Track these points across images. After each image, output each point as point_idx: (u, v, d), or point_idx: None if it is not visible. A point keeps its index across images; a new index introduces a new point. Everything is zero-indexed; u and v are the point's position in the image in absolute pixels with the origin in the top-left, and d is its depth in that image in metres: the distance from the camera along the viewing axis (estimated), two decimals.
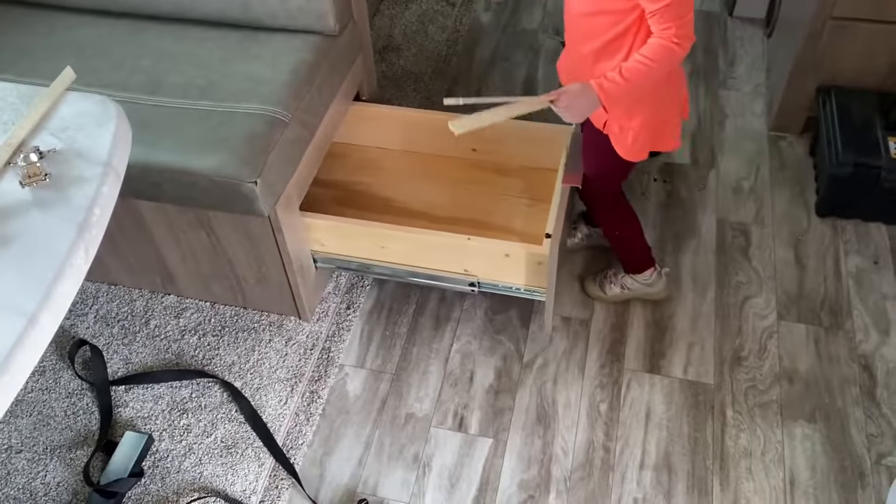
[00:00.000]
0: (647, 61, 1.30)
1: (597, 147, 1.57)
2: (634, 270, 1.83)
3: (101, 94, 1.57)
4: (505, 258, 1.65)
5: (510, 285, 1.73)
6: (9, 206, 0.99)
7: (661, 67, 1.31)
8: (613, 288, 1.86)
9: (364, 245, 1.73)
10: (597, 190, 1.71)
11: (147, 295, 1.92)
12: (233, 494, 1.58)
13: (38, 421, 1.70)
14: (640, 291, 1.85)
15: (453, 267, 1.71)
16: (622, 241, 1.81)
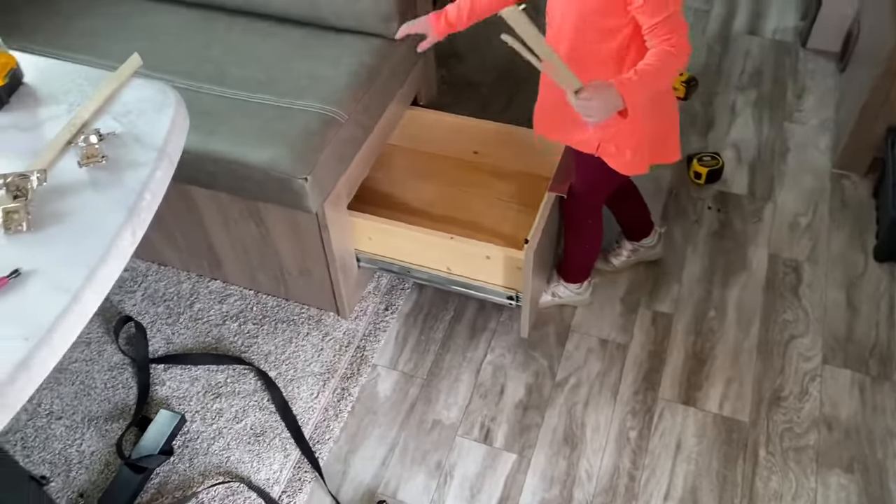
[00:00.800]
0: (656, 64, 1.28)
1: (587, 164, 1.56)
2: (572, 280, 1.85)
3: (168, 80, 1.63)
4: (486, 260, 1.68)
5: (490, 287, 1.74)
6: (66, 185, 1.03)
7: (669, 74, 1.32)
8: (545, 296, 1.89)
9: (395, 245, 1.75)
10: (582, 203, 1.70)
11: (194, 278, 1.97)
12: (256, 482, 1.61)
13: (80, 390, 1.76)
14: (569, 299, 1.88)
15: (437, 265, 1.75)
16: (582, 253, 1.82)
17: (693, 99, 2.43)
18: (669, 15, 1.26)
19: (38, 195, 1.01)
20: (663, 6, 1.26)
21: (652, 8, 1.27)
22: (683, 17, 1.31)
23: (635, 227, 1.91)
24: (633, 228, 1.91)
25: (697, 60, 2.57)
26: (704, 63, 2.56)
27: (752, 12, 2.75)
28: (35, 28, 1.81)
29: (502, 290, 1.74)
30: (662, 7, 1.26)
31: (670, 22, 1.27)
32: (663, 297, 1.94)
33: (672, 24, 1.27)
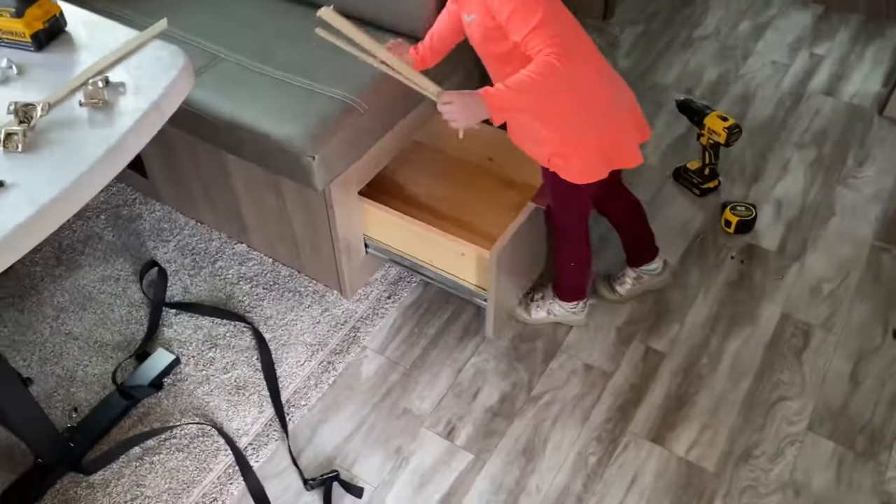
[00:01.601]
0: (531, 73, 1.32)
1: (550, 182, 1.64)
2: (566, 298, 1.87)
3: (218, 51, 1.79)
4: (461, 256, 1.76)
5: (463, 284, 1.83)
6: (65, 119, 1.18)
7: (547, 80, 1.32)
8: (539, 312, 1.90)
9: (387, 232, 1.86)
10: (563, 224, 1.75)
11: (223, 238, 2.12)
12: (227, 430, 1.73)
13: (99, 319, 1.94)
14: (564, 318, 1.91)
15: (421, 255, 1.84)
16: (569, 271, 1.83)
17: (746, 149, 2.40)
18: (535, 26, 1.31)
19: (40, 124, 1.16)
20: (526, 19, 1.32)
21: (516, 23, 1.33)
22: (556, 31, 1.34)
23: (638, 250, 1.92)
24: (635, 251, 1.92)
25: (762, 112, 2.53)
26: (769, 116, 2.52)
27: (833, 73, 2.68)
28: None
29: (474, 289, 1.80)
30: (525, 21, 1.32)
31: (538, 34, 1.32)
32: (661, 334, 1.93)
33: (542, 37, 1.32)
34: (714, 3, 3.00)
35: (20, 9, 1.29)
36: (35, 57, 1.32)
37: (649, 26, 2.90)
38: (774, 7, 2.98)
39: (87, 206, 2.20)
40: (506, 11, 1.34)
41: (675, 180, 2.32)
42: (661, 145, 2.43)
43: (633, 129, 1.61)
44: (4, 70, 1.28)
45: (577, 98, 1.48)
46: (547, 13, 1.33)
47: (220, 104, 1.71)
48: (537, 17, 1.31)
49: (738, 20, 2.93)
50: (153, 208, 2.21)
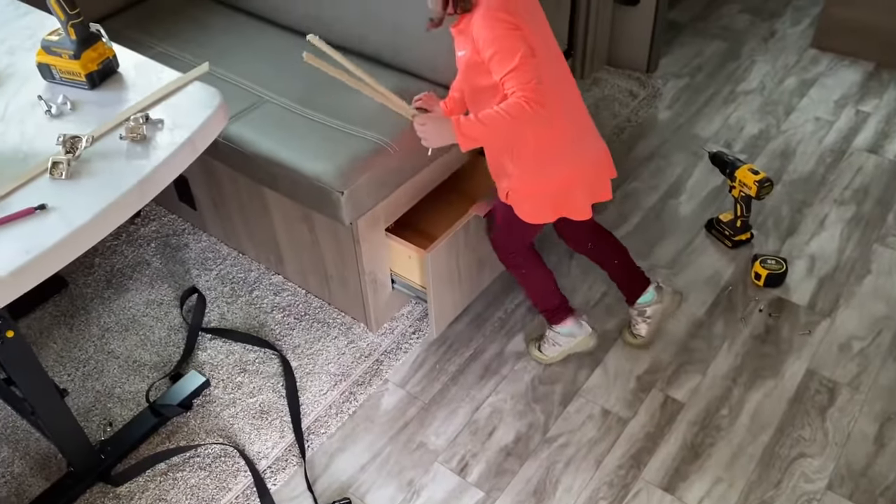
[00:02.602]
0: (501, 111, 1.40)
1: (504, 217, 1.74)
2: (555, 321, 1.90)
3: (264, 94, 1.91)
4: (408, 259, 1.90)
5: (411, 284, 1.96)
6: (107, 151, 1.29)
7: (514, 120, 1.39)
8: (553, 348, 1.94)
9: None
10: (508, 253, 1.84)
11: (262, 269, 2.23)
12: (248, 452, 1.80)
13: (140, 340, 2.06)
14: (567, 344, 1.93)
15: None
16: (542, 295, 1.88)
17: (782, 203, 2.40)
18: (512, 69, 1.38)
19: (84, 154, 1.28)
20: (505, 61, 1.39)
21: (497, 63, 1.40)
22: (532, 75, 1.39)
23: (628, 286, 1.95)
24: (627, 288, 1.95)
25: (802, 167, 2.53)
26: (809, 171, 2.51)
27: (879, 131, 2.66)
28: (182, 37, 2.18)
29: (418, 287, 1.95)
30: (504, 62, 1.39)
31: (515, 77, 1.38)
32: (681, 384, 1.93)
33: (518, 79, 1.38)
34: (760, 59, 3.02)
35: (77, 51, 1.42)
36: (88, 94, 1.45)
37: (693, 80, 2.93)
38: (822, 64, 2.98)
39: (140, 234, 2.35)
40: (489, 51, 1.42)
41: (707, 231, 2.32)
42: (696, 196, 2.44)
43: (589, 184, 1.69)
44: (60, 105, 1.41)
45: (539, 142, 1.57)
46: (525, 58, 1.39)
47: (260, 142, 1.83)
48: (515, 60, 1.39)
49: (784, 76, 2.93)
50: (200, 238, 2.34)
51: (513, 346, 2.03)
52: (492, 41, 1.40)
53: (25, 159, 1.29)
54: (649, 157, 2.59)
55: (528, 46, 1.40)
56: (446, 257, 1.86)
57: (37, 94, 1.44)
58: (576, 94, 1.62)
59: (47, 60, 1.45)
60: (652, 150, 2.62)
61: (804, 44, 3.09)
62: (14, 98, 1.45)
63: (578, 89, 1.65)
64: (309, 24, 2.13)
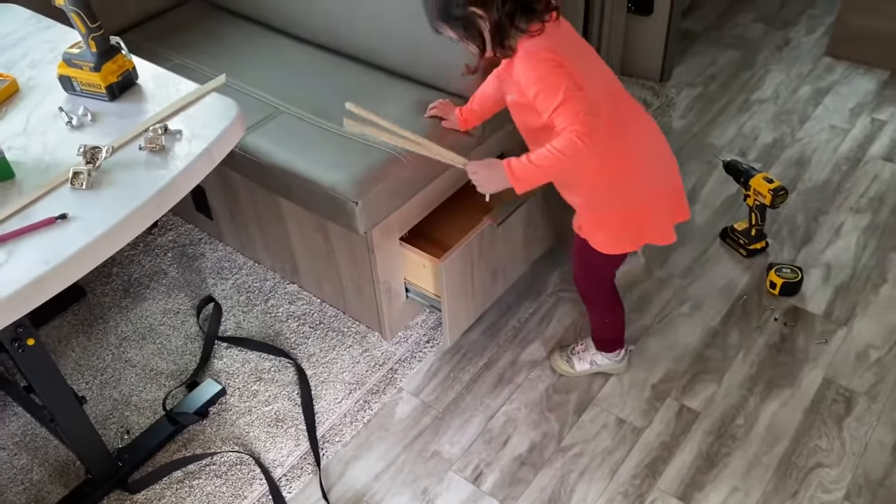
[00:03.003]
0: (553, 150, 1.37)
1: (580, 251, 1.69)
2: (609, 349, 1.91)
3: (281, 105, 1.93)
4: (423, 268, 1.92)
5: (427, 293, 1.97)
6: (126, 161, 1.31)
7: (567, 157, 1.36)
8: (583, 364, 1.93)
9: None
10: (586, 289, 1.80)
11: (277, 279, 2.25)
12: (263, 460, 1.81)
13: (157, 349, 2.08)
14: (607, 368, 1.94)
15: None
16: (606, 326, 1.85)
17: (797, 212, 2.39)
18: (558, 105, 1.35)
19: (104, 165, 1.30)
20: (550, 98, 1.36)
21: (542, 101, 1.38)
22: (580, 107, 1.36)
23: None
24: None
25: (817, 175, 2.52)
26: (825, 179, 2.50)
27: (894, 139, 2.65)
28: (200, 49, 2.21)
29: (432, 297, 1.96)
30: (549, 100, 1.36)
31: (562, 113, 1.35)
32: (696, 393, 1.93)
33: (566, 115, 1.35)
34: (774, 68, 3.02)
35: (98, 64, 1.45)
36: (108, 106, 1.47)
37: (707, 89, 2.93)
38: (837, 72, 2.97)
39: (157, 244, 2.37)
40: (532, 91, 1.40)
41: (722, 240, 2.32)
42: (711, 205, 2.44)
43: (665, 208, 1.62)
44: (80, 117, 1.44)
45: (601, 172, 1.52)
46: (570, 91, 1.35)
47: (276, 152, 1.84)
48: (560, 95, 1.35)
49: (799, 85, 2.93)
50: (216, 248, 2.36)
51: (527, 355, 2.03)
52: (535, 81, 1.38)
53: (47, 169, 1.32)
54: None
55: (572, 81, 1.36)
56: (460, 266, 1.86)
57: (58, 106, 1.46)
58: (643, 118, 1.58)
59: (68, 73, 1.48)
60: None
61: (818, 52, 3.08)
62: (36, 110, 1.47)
63: (649, 115, 1.62)
64: (325, 36, 2.16)
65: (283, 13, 2.22)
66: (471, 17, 1.39)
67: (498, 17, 1.38)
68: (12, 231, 1.19)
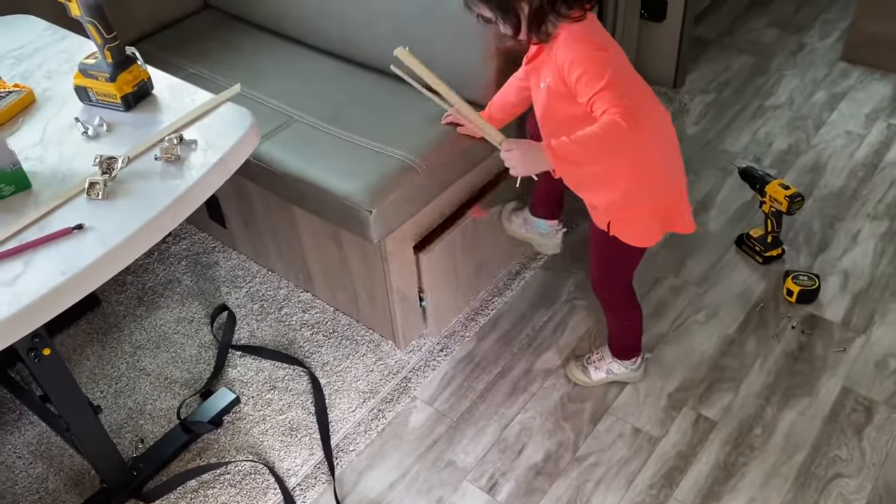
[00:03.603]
0: (595, 129, 1.35)
1: (603, 251, 1.68)
2: (626, 357, 1.88)
3: (293, 113, 1.93)
4: None
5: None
6: (142, 171, 1.32)
7: (610, 137, 1.34)
8: (599, 373, 1.92)
9: None
10: (606, 286, 1.77)
11: (290, 287, 2.24)
12: (278, 469, 1.81)
13: (172, 357, 2.08)
14: (623, 376, 1.93)
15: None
16: (624, 330, 1.84)
17: (814, 218, 2.37)
18: (602, 88, 1.35)
19: (120, 175, 1.30)
20: (594, 82, 1.36)
21: (585, 83, 1.37)
22: (622, 92, 1.36)
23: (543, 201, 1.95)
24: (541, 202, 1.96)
25: (833, 181, 2.50)
26: (841, 186, 2.48)
27: None
28: (214, 59, 2.21)
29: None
30: (593, 83, 1.36)
31: (605, 96, 1.34)
32: (713, 402, 1.91)
33: (608, 98, 1.34)
34: (788, 73, 3.00)
35: (113, 74, 1.45)
36: (124, 116, 1.48)
37: (720, 95, 2.92)
38: (852, 77, 2.95)
39: (171, 252, 2.38)
40: (575, 73, 1.38)
41: (738, 247, 2.30)
42: (726, 212, 2.42)
43: (685, 196, 1.65)
44: (96, 127, 1.44)
45: (636, 160, 1.51)
46: (613, 77, 1.36)
47: (289, 161, 1.85)
48: (604, 79, 1.35)
49: (813, 90, 2.91)
50: (230, 256, 2.36)
51: (541, 364, 2.02)
52: (580, 62, 1.38)
53: (64, 180, 1.32)
54: None
55: (614, 68, 1.38)
56: (442, 259, 1.91)
57: (74, 117, 1.47)
58: (658, 106, 1.59)
59: (84, 83, 1.48)
60: None
61: (833, 57, 3.06)
62: (52, 120, 1.48)
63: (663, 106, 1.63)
64: (340, 44, 2.16)
65: (298, 22, 2.23)
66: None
67: (540, 2, 1.38)
68: (29, 242, 1.19)
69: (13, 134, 1.45)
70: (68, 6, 1.39)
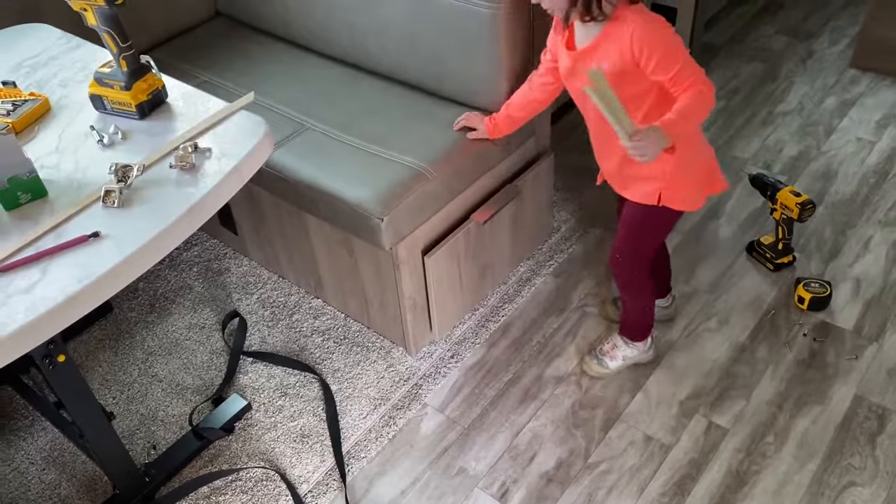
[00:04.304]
0: (691, 102, 1.43)
1: (643, 222, 1.70)
2: (638, 338, 1.94)
3: (305, 121, 1.94)
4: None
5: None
6: (157, 179, 1.32)
7: (704, 106, 1.45)
8: (615, 361, 1.96)
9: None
10: (635, 261, 1.78)
11: (301, 294, 2.25)
12: (289, 476, 1.81)
13: (183, 364, 2.08)
14: (637, 358, 1.97)
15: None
16: (640, 309, 1.88)
17: (825, 225, 2.36)
18: (682, 66, 1.42)
19: (135, 183, 1.31)
20: (673, 60, 1.42)
21: (665, 63, 1.42)
22: (696, 66, 1.44)
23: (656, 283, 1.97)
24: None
25: (844, 188, 2.49)
26: (852, 192, 2.48)
27: None
28: (226, 66, 2.23)
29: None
30: (673, 61, 1.42)
31: (686, 71, 1.42)
32: (725, 409, 1.90)
33: (688, 72, 1.42)
34: (798, 80, 3.00)
35: (128, 83, 1.46)
36: (138, 124, 1.49)
37: (730, 102, 2.91)
38: (862, 84, 2.95)
39: (182, 259, 2.39)
40: (657, 55, 1.43)
41: (748, 254, 2.30)
42: (737, 219, 2.42)
43: (714, 155, 1.71)
44: (111, 135, 1.45)
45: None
46: (686, 54, 1.44)
47: (301, 168, 1.85)
48: (681, 59, 1.42)
49: (824, 97, 2.90)
50: (241, 263, 2.37)
51: (552, 371, 2.02)
52: (660, 42, 1.42)
53: (79, 188, 1.33)
54: None
55: (681, 43, 1.45)
56: (446, 262, 1.92)
57: (89, 125, 1.48)
58: None
59: (99, 92, 1.50)
60: None
61: (843, 64, 3.05)
62: (68, 128, 1.49)
63: None
64: (350, 51, 2.17)
65: (308, 29, 2.24)
66: None
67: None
68: (46, 249, 1.20)
69: (29, 142, 1.46)
70: (84, 16, 1.40)
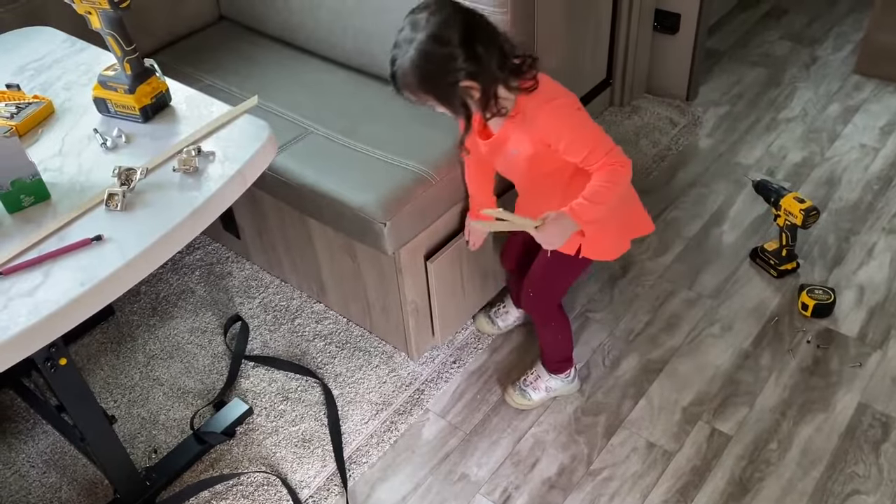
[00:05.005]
0: (603, 183, 1.43)
1: (555, 268, 1.71)
2: (560, 371, 1.91)
3: (309, 126, 1.94)
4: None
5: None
6: (160, 182, 1.32)
7: (618, 186, 1.44)
8: (538, 393, 1.92)
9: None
10: (548, 302, 1.80)
11: (304, 298, 2.25)
12: (290, 481, 1.80)
13: (185, 367, 2.08)
14: (561, 390, 1.94)
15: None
16: (558, 343, 1.86)
17: (829, 232, 2.36)
18: (591, 148, 1.42)
19: (138, 186, 1.31)
20: (581, 145, 1.43)
21: (576, 147, 1.43)
22: (609, 143, 1.46)
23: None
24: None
25: (848, 195, 2.49)
26: (856, 199, 2.47)
27: None
28: (230, 70, 2.23)
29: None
30: (581, 146, 1.43)
31: (597, 152, 1.42)
32: (728, 416, 1.90)
33: (599, 153, 1.43)
34: (802, 86, 2.99)
35: (132, 86, 1.46)
36: (142, 127, 1.49)
37: (733, 108, 2.91)
38: (866, 90, 2.94)
39: (184, 262, 2.38)
40: (564, 140, 1.44)
41: (752, 261, 2.29)
42: (740, 225, 2.41)
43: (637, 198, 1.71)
44: (115, 139, 1.45)
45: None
46: (595, 131, 1.45)
47: (304, 173, 1.85)
48: (591, 140, 1.45)
49: (827, 103, 2.90)
50: (243, 267, 2.37)
51: None
52: (567, 129, 1.44)
53: (83, 191, 1.33)
54: (690, 186, 2.57)
55: (589, 121, 1.45)
56: (449, 267, 1.91)
57: (93, 128, 1.48)
58: None
59: (103, 95, 1.49)
60: (693, 178, 2.60)
61: (847, 70, 3.05)
62: (71, 131, 1.49)
63: None
64: (354, 55, 2.17)
65: (311, 33, 2.24)
66: (461, 90, 1.40)
67: (488, 85, 1.39)
68: (49, 252, 1.20)
69: (33, 145, 1.46)
70: (89, 19, 1.40)
